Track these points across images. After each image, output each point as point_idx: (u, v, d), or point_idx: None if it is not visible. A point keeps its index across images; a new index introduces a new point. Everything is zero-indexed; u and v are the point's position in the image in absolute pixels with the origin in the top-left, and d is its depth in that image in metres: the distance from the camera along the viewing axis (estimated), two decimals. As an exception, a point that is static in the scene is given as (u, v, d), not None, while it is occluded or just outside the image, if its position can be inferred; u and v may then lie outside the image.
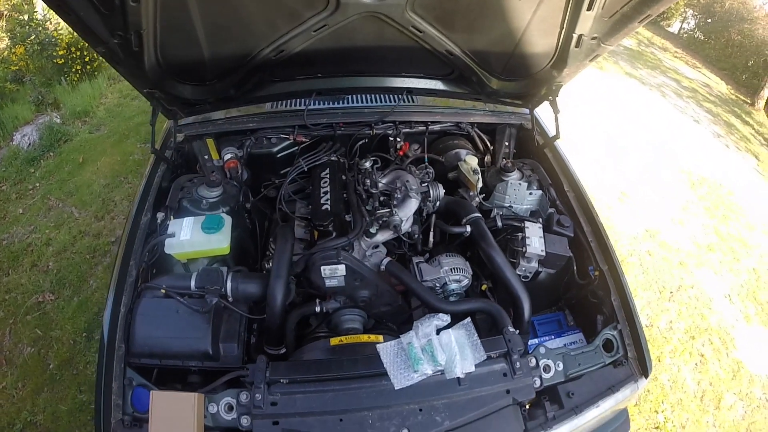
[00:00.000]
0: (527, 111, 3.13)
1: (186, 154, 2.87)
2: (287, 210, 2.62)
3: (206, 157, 2.78)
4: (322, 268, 2.15)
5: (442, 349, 1.85)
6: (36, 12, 8.21)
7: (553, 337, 2.40)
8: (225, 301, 2.04)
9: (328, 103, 3.02)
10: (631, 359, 2.16)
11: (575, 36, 2.31)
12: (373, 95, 3.13)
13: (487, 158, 3.12)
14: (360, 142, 2.99)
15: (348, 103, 3.06)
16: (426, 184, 2.64)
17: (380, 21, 2.26)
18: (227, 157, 2.77)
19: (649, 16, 2.09)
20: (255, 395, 1.74)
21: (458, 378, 1.82)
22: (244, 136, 2.92)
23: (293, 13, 2.20)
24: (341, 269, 2.15)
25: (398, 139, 3.01)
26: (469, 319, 1.99)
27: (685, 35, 15.61)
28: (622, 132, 7.43)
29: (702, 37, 14.89)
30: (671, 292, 4.78)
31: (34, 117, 6.79)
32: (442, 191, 2.64)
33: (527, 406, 1.93)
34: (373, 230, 2.37)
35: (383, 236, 2.45)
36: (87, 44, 1.99)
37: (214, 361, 1.96)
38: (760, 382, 4.11)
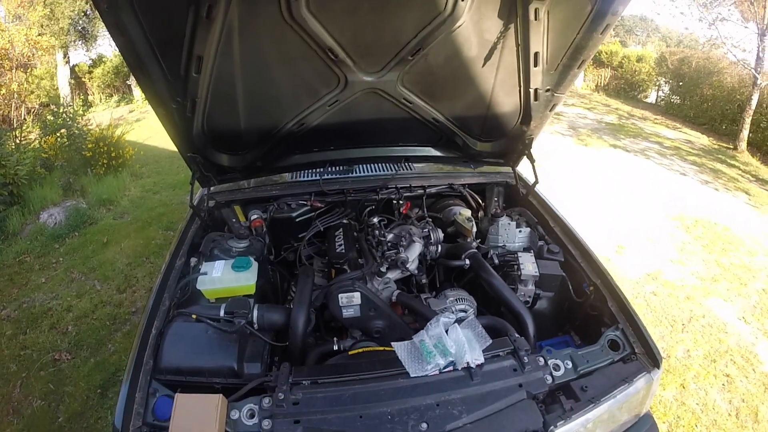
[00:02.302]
0: (510, 171, 3.34)
1: (215, 219, 2.99)
2: (306, 262, 2.78)
3: (234, 220, 2.93)
4: (339, 296, 2.23)
5: (452, 343, 1.89)
6: (68, 104, 8.47)
7: None
8: (251, 327, 2.04)
9: (340, 174, 3.31)
10: (640, 354, 2.11)
11: (532, 91, 2.57)
12: (376, 165, 3.41)
13: (480, 213, 3.28)
14: (369, 208, 3.21)
15: (356, 173, 3.35)
16: (427, 230, 2.78)
17: (378, 96, 2.55)
18: (254, 217, 2.94)
19: (584, 61, 2.35)
20: (278, 395, 1.72)
21: (470, 373, 1.83)
22: (268, 202, 3.12)
23: (313, 90, 2.49)
24: (357, 297, 2.24)
25: (400, 201, 3.20)
26: (472, 316, 2.06)
27: (662, 102, 15.92)
28: (611, 195, 7.50)
29: (678, 100, 15.13)
30: (683, 324, 4.60)
31: (62, 200, 6.86)
32: (441, 234, 2.78)
33: (543, 405, 1.88)
34: (383, 269, 2.47)
35: (393, 274, 2.54)
36: (151, 106, 2.22)
37: (238, 378, 1.92)
38: None
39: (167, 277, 2.36)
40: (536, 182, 3.09)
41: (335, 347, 2.29)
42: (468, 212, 2.97)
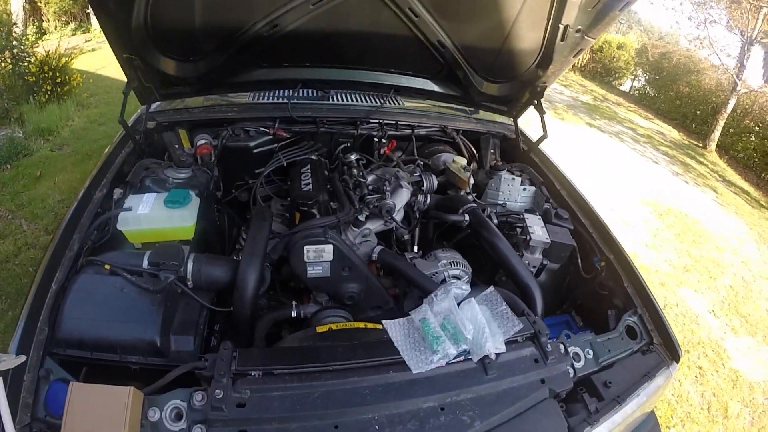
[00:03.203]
0: (510, 123, 2.90)
1: (154, 145, 2.38)
2: (262, 202, 2.27)
3: (176, 146, 2.31)
4: (305, 249, 1.74)
5: (467, 324, 1.41)
6: (16, 25, 7.65)
7: None
8: (183, 285, 1.56)
9: (314, 99, 2.72)
10: (657, 345, 1.82)
11: (561, 27, 2.12)
12: (359, 93, 2.85)
13: (474, 165, 2.82)
14: (343, 144, 2.66)
15: (334, 100, 2.75)
16: (418, 174, 2.30)
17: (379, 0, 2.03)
18: (201, 142, 2.33)
19: (629, 3, 1.94)
20: (215, 392, 1.20)
21: (485, 365, 1.39)
22: (221, 127, 2.49)
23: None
24: (328, 252, 1.76)
25: (383, 141, 2.69)
26: (492, 288, 1.59)
27: (636, 92, 15.91)
28: (588, 172, 7.22)
29: (652, 93, 15.09)
30: (658, 310, 4.45)
31: (-5, 129, 6.00)
32: (435, 181, 2.31)
33: (563, 404, 1.51)
34: (362, 218, 1.99)
35: (374, 225, 2.07)
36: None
37: (162, 357, 1.44)
38: (760, 389, 3.81)
39: (80, 211, 1.79)
40: (544, 137, 2.67)
41: (293, 314, 1.81)
42: (463, 160, 2.52)
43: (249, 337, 1.70)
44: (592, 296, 2.15)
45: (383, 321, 1.48)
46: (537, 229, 2.04)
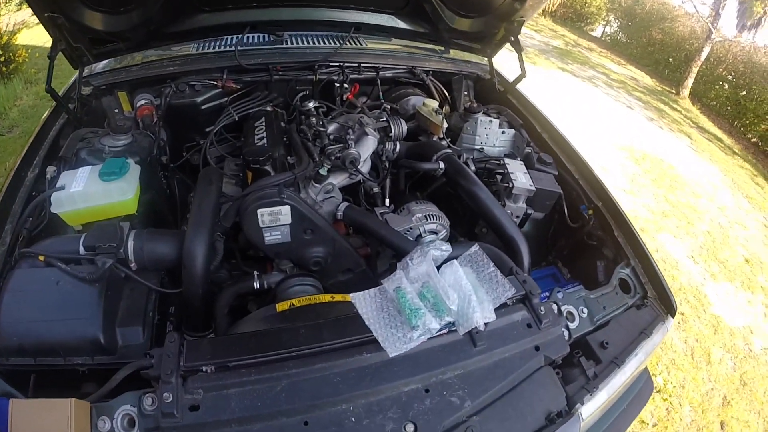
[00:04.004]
0: (485, 62, 2.68)
1: (95, 112, 2.14)
2: (214, 164, 2.02)
3: (116, 110, 2.07)
4: (258, 212, 1.53)
5: (450, 292, 1.23)
6: None
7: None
8: (125, 268, 1.38)
9: (264, 44, 2.43)
10: (652, 299, 1.71)
11: None
12: (315, 36, 2.54)
13: (446, 108, 2.60)
14: (300, 94, 2.40)
15: (287, 44, 2.46)
16: (385, 119, 2.08)
17: None
18: (140, 103, 2.08)
19: None
20: (163, 396, 1.05)
21: (472, 337, 1.23)
22: (163, 84, 2.22)
23: None
24: (285, 214, 1.55)
25: (345, 86, 2.42)
26: (476, 246, 1.41)
27: (608, 38, 15.70)
28: (562, 117, 7.09)
29: (624, 39, 14.93)
30: (640, 257, 4.45)
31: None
32: (404, 126, 2.09)
33: (559, 371, 1.37)
34: (323, 172, 1.77)
35: (337, 179, 1.87)
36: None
37: (109, 354, 1.27)
38: (740, 335, 3.87)
39: (11, 198, 1.58)
40: (522, 76, 2.48)
41: (255, 285, 1.62)
42: (435, 103, 2.29)
43: (205, 318, 1.52)
44: (579, 247, 2.02)
45: (351, 295, 1.28)
46: (519, 176, 1.86)
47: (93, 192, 1.53)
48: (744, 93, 10.28)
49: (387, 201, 2.03)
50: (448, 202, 2.04)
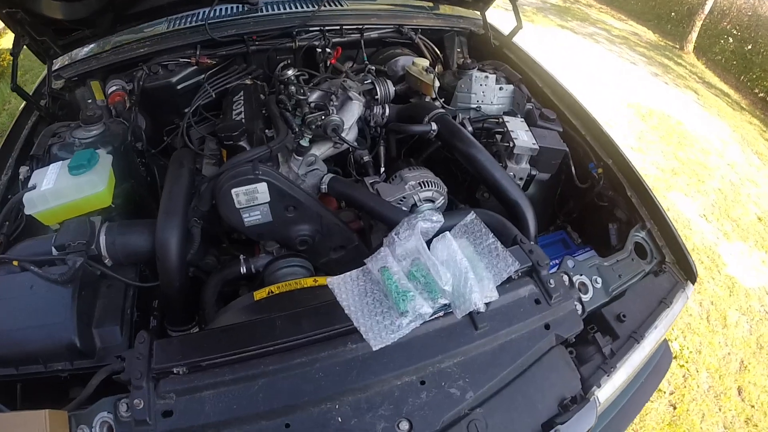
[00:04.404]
0: (477, 16, 2.50)
1: (69, 107, 2.07)
2: (193, 145, 1.87)
3: (89, 101, 1.99)
4: (233, 192, 1.39)
5: (442, 271, 1.08)
6: None
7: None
8: (100, 264, 1.32)
9: (237, 13, 2.26)
10: (670, 264, 1.57)
11: None
12: (291, 1, 2.36)
13: (438, 67, 2.43)
14: (282, 64, 2.23)
15: (263, 12, 2.29)
16: (369, 81, 1.92)
17: None
18: (111, 90, 1.99)
19: None
20: (134, 401, 0.99)
21: (473, 318, 1.09)
22: (136, 67, 2.12)
23: None
24: (262, 191, 1.41)
25: (328, 50, 2.25)
26: (473, 214, 1.27)
27: (607, -7, 15.31)
28: (565, 74, 6.88)
29: (624, -6, 14.52)
30: (652, 216, 4.31)
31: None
32: (391, 87, 1.94)
33: (573, 350, 1.23)
34: (305, 143, 1.64)
35: (320, 150, 1.73)
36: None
37: (89, 358, 1.22)
38: (756, 296, 3.72)
39: None
40: (518, 27, 2.30)
41: (242, 269, 1.56)
42: (425, 61, 2.12)
43: (186, 311, 1.48)
44: (589, 209, 1.88)
45: (328, 279, 1.14)
46: (521, 134, 1.70)
47: (63, 188, 1.45)
48: (750, 47, 9.97)
49: (382, 170, 1.89)
50: (446, 166, 1.90)
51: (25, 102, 1.99)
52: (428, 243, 1.17)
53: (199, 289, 1.57)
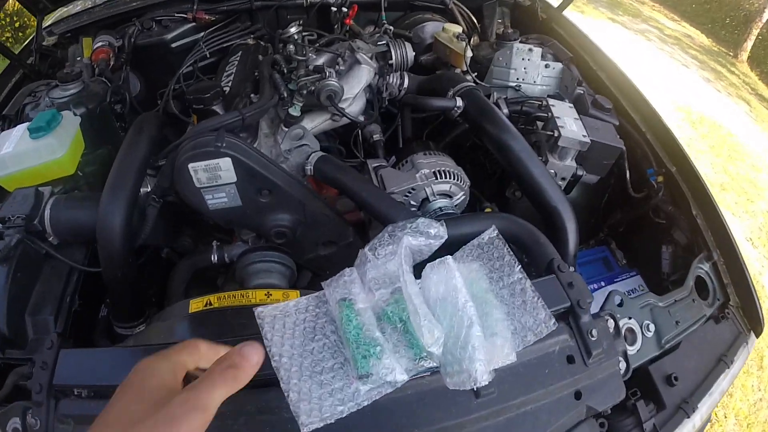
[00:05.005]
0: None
1: (61, 64, 1.95)
2: (178, 112, 1.65)
3: (78, 58, 1.87)
4: (190, 167, 1.11)
5: (432, 317, 0.72)
6: None
7: (602, 284, 1.46)
8: (43, 243, 1.17)
9: None
10: (733, 308, 1.25)
11: None
12: None
13: (474, 39, 2.10)
14: (294, 23, 1.94)
15: None
16: (384, 43, 1.61)
17: None
18: (98, 45, 1.82)
19: None
20: (32, 420, 0.83)
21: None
22: (128, 23, 1.94)
23: None
24: (226, 169, 1.12)
25: (344, 9, 1.94)
26: (494, 230, 0.89)
27: (660, -9, 14.74)
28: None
29: (679, -8, 13.96)
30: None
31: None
32: (410, 51, 1.63)
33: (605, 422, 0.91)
34: (295, 111, 1.35)
35: (314, 122, 1.43)
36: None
37: (18, 348, 1.07)
38: None
39: None
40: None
41: (213, 257, 1.35)
42: (458, 27, 1.79)
43: (134, 305, 1.28)
44: (640, 224, 1.56)
45: (257, 311, 0.78)
46: (569, 122, 1.36)
47: (22, 152, 1.32)
48: (808, 62, 9.50)
49: (393, 157, 1.59)
50: (474, 154, 1.62)
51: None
52: (419, 266, 0.83)
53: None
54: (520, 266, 0.81)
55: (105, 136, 1.53)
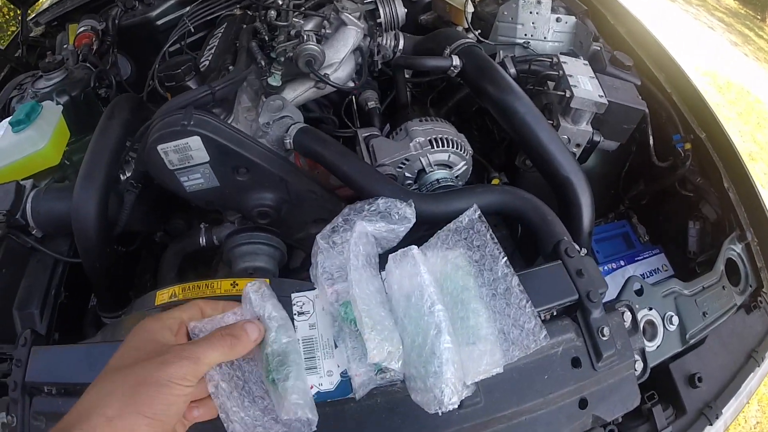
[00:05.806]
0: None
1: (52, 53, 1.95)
2: (163, 91, 1.53)
3: (65, 46, 1.89)
4: (160, 149, 1.03)
5: (399, 317, 0.60)
6: None
7: (622, 263, 1.34)
8: (27, 236, 1.19)
9: None
10: (766, 295, 1.14)
11: None
12: None
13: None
14: None
15: None
16: (372, 0, 1.49)
17: None
18: (79, 31, 1.83)
19: None
20: (11, 417, 0.86)
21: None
22: (111, 5, 1.92)
23: None
24: (196, 148, 1.04)
25: None
26: (476, 209, 0.71)
27: (682, -50, 14.28)
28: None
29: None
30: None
31: None
32: (401, 9, 1.49)
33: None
34: (274, 81, 1.27)
35: (296, 92, 1.33)
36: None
37: (9, 342, 1.12)
38: None
39: None
40: None
41: (202, 241, 1.33)
42: (460, -18, 1.64)
43: (114, 294, 1.29)
44: (665, 196, 1.43)
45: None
46: (583, 81, 1.21)
47: (5, 147, 1.35)
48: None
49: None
50: (481, 120, 1.52)
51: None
52: (385, 254, 0.69)
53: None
54: (505, 258, 0.65)
55: (92, 123, 1.49)
